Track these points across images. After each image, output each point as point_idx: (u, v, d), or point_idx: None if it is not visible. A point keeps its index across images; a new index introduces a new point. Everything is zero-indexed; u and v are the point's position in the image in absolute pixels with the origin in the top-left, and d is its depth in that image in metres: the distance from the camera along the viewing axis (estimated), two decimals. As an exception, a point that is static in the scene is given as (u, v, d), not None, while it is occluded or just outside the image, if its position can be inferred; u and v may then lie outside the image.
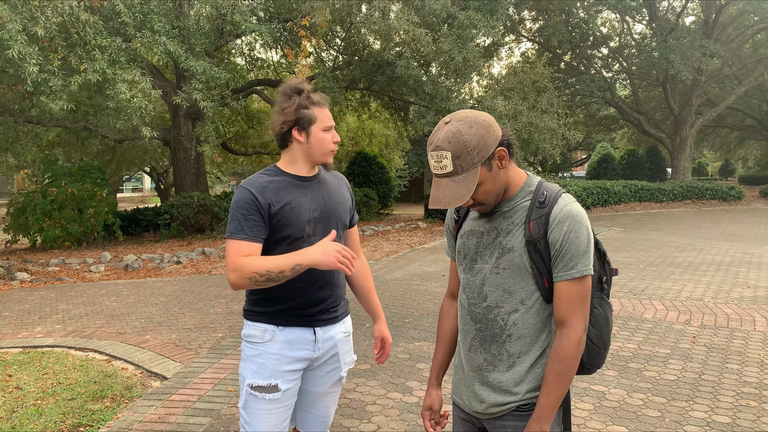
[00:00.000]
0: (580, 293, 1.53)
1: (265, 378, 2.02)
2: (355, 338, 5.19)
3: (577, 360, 1.53)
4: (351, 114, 18.11)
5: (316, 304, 2.07)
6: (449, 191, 1.51)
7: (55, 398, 3.93)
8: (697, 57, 20.99)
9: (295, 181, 2.05)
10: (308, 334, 2.07)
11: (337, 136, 2.06)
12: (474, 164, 1.50)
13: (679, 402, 3.75)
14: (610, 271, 1.70)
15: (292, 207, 1.99)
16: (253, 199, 1.96)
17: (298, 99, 2.00)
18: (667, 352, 4.74)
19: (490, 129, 1.52)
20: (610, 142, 36.98)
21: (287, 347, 2.04)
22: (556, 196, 1.57)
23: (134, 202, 30.31)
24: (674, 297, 6.66)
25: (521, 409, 1.61)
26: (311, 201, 2.05)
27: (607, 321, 1.66)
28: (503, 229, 1.60)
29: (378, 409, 3.70)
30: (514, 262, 1.57)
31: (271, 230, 1.99)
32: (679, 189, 22.00)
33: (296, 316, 2.05)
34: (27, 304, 7.10)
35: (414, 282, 7.72)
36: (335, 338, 2.14)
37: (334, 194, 2.13)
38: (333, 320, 2.13)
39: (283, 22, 11.89)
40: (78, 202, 12.62)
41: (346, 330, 2.20)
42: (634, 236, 12.56)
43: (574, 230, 1.52)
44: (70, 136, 15.23)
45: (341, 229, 2.15)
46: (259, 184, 1.99)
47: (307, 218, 2.02)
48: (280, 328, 2.04)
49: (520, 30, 24.25)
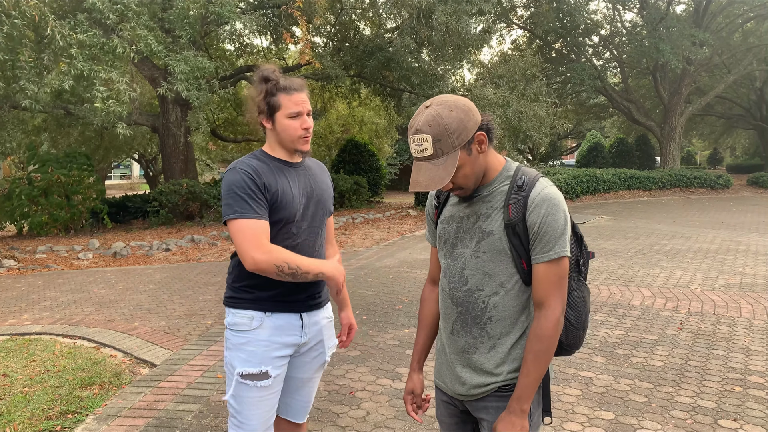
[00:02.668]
0: (558, 275, 1.56)
1: (255, 365, 2.01)
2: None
3: (555, 340, 1.56)
4: (341, 101, 18.01)
5: (304, 290, 2.08)
6: (429, 174, 1.53)
7: (42, 385, 3.91)
8: (686, 46, 21.04)
9: (283, 166, 2.06)
10: (295, 320, 2.08)
11: (307, 122, 2.03)
12: (454, 148, 1.51)
13: (666, 387, 3.79)
14: (587, 254, 1.73)
15: (284, 191, 2.01)
16: (253, 178, 1.95)
17: (265, 87, 2.01)
18: (655, 338, 4.78)
19: (470, 113, 1.54)
20: (600, 130, 37.09)
21: (276, 333, 2.04)
22: (533, 180, 1.59)
23: (123, 189, 30.07)
24: (662, 284, 6.71)
25: (503, 390, 1.63)
26: (300, 186, 2.07)
27: (585, 303, 1.70)
28: (482, 213, 1.63)
29: (367, 395, 3.71)
30: (494, 246, 1.59)
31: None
32: (668, 177, 22.14)
33: (284, 302, 2.05)
34: (14, 291, 7.04)
35: (404, 269, 7.73)
36: (320, 323, 2.17)
37: (319, 181, 2.16)
38: (318, 305, 2.15)
39: (273, 8, 11.77)
40: (65, 188, 12.50)
41: (329, 315, 2.24)
42: (623, 224, 12.64)
43: (552, 213, 1.54)
44: (56, 122, 15.06)
45: (326, 215, 2.18)
46: (253, 166, 1.99)
47: (298, 203, 2.04)
48: (267, 314, 2.04)
49: (511, 17, 24.17)
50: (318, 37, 14.87)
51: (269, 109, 2.01)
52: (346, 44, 14.12)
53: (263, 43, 17.56)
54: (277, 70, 2.05)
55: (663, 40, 20.71)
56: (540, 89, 14.71)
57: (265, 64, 2.12)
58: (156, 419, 3.37)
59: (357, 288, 6.64)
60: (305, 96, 2.04)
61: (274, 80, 2.01)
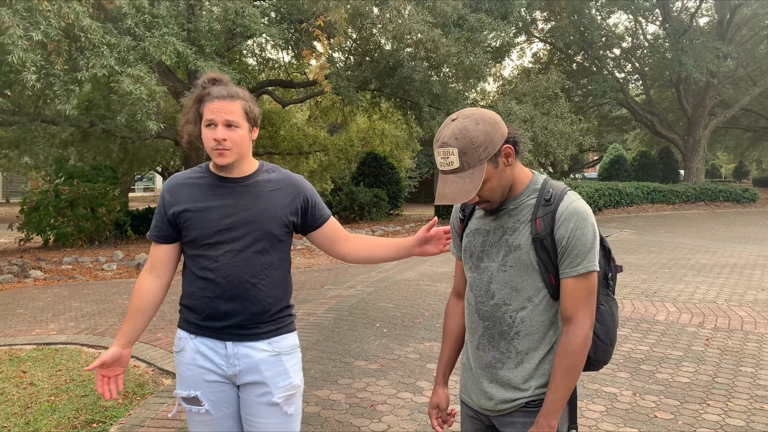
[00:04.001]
0: (587, 289, 1.54)
1: (185, 388, 1.93)
2: (365, 338, 5.19)
3: (584, 356, 1.54)
4: (362, 114, 18.13)
5: (225, 317, 1.90)
6: (456, 187, 1.52)
7: (68, 394, 3.96)
8: (710, 59, 20.82)
9: (215, 183, 1.91)
10: (219, 347, 1.92)
11: (219, 134, 1.81)
12: (480, 161, 1.51)
13: (692, 405, 3.71)
14: (615, 268, 1.71)
15: (196, 211, 1.87)
16: (162, 196, 1.94)
17: (195, 94, 1.89)
18: (680, 354, 4.70)
19: (497, 126, 1.54)
20: (622, 143, 36.74)
21: (200, 357, 1.93)
22: (561, 193, 1.58)
23: (146, 201, 30.51)
24: (687, 299, 6.60)
25: (530, 406, 1.62)
26: (228, 207, 1.88)
27: (613, 317, 1.68)
28: (509, 227, 1.61)
29: (388, 408, 3.70)
30: (521, 260, 1.58)
31: (179, 230, 1.93)
32: (692, 191, 21.82)
33: (206, 327, 1.93)
34: (41, 301, 7.17)
35: (424, 282, 7.71)
36: (254, 357, 1.91)
37: (262, 200, 1.91)
38: (251, 337, 1.92)
39: (295, 23, 11.92)
40: (90, 200, 12.73)
41: (275, 350, 1.94)
42: (647, 238, 12.47)
43: (580, 227, 1.53)
44: (83, 135, 15.36)
45: (264, 240, 1.90)
46: (176, 182, 1.94)
47: (217, 226, 1.87)
48: (191, 336, 1.94)
49: (532, 31, 24.17)
50: (338, 52, 15.02)
51: (195, 119, 1.90)
52: (366, 59, 14.23)
53: (284, 57, 17.75)
54: (218, 77, 1.89)
55: (686, 52, 20.52)
56: (563, 108, 14.71)
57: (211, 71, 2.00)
58: (179, 429, 3.40)
59: (377, 301, 6.64)
60: (227, 104, 1.82)
61: (206, 88, 1.87)
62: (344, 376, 4.27)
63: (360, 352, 4.80)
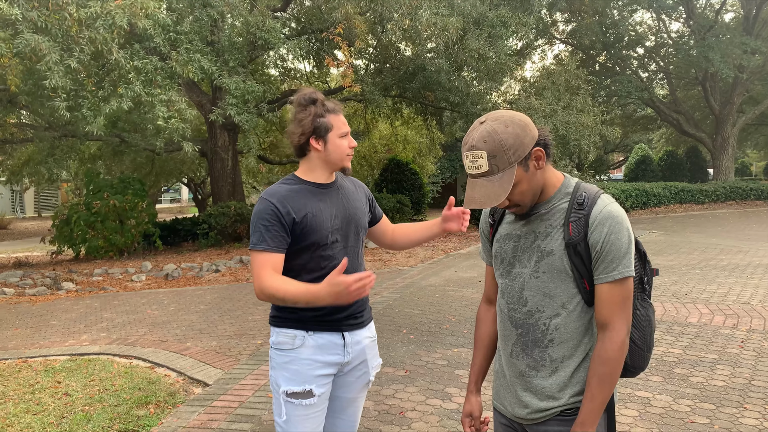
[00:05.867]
0: (622, 295, 1.50)
1: (299, 384, 2.03)
2: (392, 345, 5.18)
3: (620, 363, 1.50)
4: (384, 121, 18.17)
5: (344, 309, 2.08)
6: (485, 191, 1.49)
7: (102, 404, 4.03)
8: (737, 54, 20.41)
9: (315, 189, 2.08)
10: (337, 339, 2.09)
11: (353, 141, 2.10)
12: (510, 164, 1.48)
13: (729, 408, 3.63)
14: (651, 271, 1.66)
15: (314, 215, 2.02)
16: (273, 209, 1.98)
17: (313, 108, 2.03)
18: (714, 357, 4.60)
19: (527, 128, 1.51)
20: (647, 143, 36.17)
21: (318, 352, 2.05)
22: (594, 197, 1.54)
23: (173, 212, 30.97)
24: (720, 300, 6.46)
25: (565, 414, 1.58)
26: (332, 208, 2.08)
27: (650, 322, 1.63)
28: (541, 231, 1.58)
29: (417, 415, 3.68)
30: (554, 266, 1.55)
31: (294, 239, 2.01)
32: (722, 190, 21.36)
33: (325, 322, 2.06)
34: (73, 313, 7.31)
35: (450, 288, 7.68)
36: (363, 343, 2.16)
37: (352, 200, 2.17)
38: (360, 325, 2.15)
39: (316, 33, 12.02)
40: (119, 213, 12.95)
41: (372, 335, 2.23)
42: (676, 239, 12.24)
43: (615, 231, 1.49)
44: (112, 150, 15.69)
45: (362, 233, 2.19)
46: (280, 194, 2.02)
47: (330, 225, 2.05)
48: (309, 333, 2.05)
49: (553, 32, 23.99)
50: (359, 60, 15.10)
51: (321, 131, 2.03)
52: (387, 65, 14.27)
53: (306, 67, 17.91)
54: (318, 93, 2.08)
55: (712, 49, 20.15)
56: (585, 101, 14.50)
57: (305, 88, 2.15)
58: (210, 438, 3.43)
59: (403, 307, 6.63)
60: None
61: (321, 101, 2.05)
62: (372, 383, 4.26)
63: (387, 359, 4.79)
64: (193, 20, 9.92)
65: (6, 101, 10.98)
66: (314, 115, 2.03)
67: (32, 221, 30.71)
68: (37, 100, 10.12)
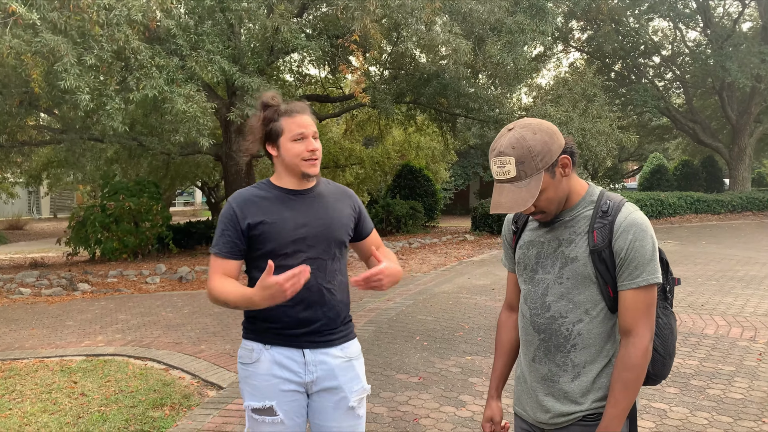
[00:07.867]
0: (646, 302, 1.52)
1: (259, 399, 1.94)
2: (406, 351, 5.18)
3: (644, 369, 1.52)
4: (397, 127, 18.21)
5: (303, 324, 1.96)
6: (512, 196, 1.52)
7: (118, 405, 4.06)
8: (755, 63, 20.25)
9: (284, 196, 1.99)
10: (296, 356, 1.97)
11: (313, 144, 1.94)
12: (537, 170, 1.51)
13: (747, 422, 3.58)
14: (673, 280, 1.68)
15: (273, 222, 1.93)
16: (232, 214, 1.95)
17: (264, 113, 1.97)
18: (732, 369, 4.54)
19: (554, 136, 1.53)
20: (663, 152, 35.89)
21: (276, 367, 1.95)
22: (619, 205, 1.57)
23: (186, 215, 31.18)
24: (737, 312, 6.39)
25: (587, 419, 1.59)
26: (300, 216, 1.97)
27: (672, 331, 1.65)
28: (565, 238, 1.60)
29: (431, 422, 3.67)
30: (578, 272, 1.56)
31: (251, 246, 1.96)
32: (739, 200, 21.13)
33: (283, 336, 1.96)
34: (88, 313, 7.38)
35: (463, 295, 7.66)
36: (330, 363, 1.99)
37: (331, 209, 2.03)
38: (327, 343, 1.99)
39: (332, 39, 12.09)
40: (134, 215, 13.07)
41: (347, 356, 2.03)
42: (691, 249, 12.12)
43: (639, 239, 1.51)
44: (127, 152, 15.84)
45: (336, 246, 2.01)
46: (242, 198, 1.98)
47: (292, 234, 1.94)
48: (266, 346, 1.96)
49: (569, 40, 23.93)
50: (374, 66, 15.16)
51: (272, 135, 1.97)
52: (402, 72, 14.30)
53: (321, 73, 18.01)
54: (276, 96, 2.00)
55: (730, 58, 20.00)
56: (602, 108, 14.46)
57: (266, 91, 2.09)
58: (224, 441, 3.44)
59: (416, 314, 6.62)
60: (308, 118, 1.97)
61: (274, 106, 1.97)
62: (386, 389, 4.26)
63: (401, 365, 4.79)
64: (213, 24, 10.02)
65: (27, 103, 11.12)
66: (264, 120, 1.97)
67: (48, 222, 31.07)
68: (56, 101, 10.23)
